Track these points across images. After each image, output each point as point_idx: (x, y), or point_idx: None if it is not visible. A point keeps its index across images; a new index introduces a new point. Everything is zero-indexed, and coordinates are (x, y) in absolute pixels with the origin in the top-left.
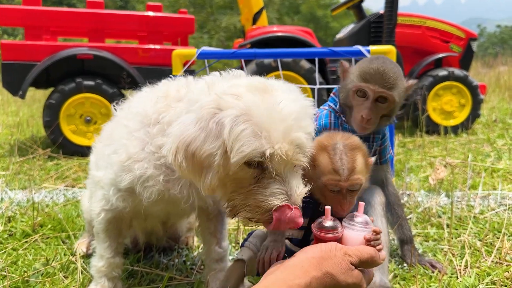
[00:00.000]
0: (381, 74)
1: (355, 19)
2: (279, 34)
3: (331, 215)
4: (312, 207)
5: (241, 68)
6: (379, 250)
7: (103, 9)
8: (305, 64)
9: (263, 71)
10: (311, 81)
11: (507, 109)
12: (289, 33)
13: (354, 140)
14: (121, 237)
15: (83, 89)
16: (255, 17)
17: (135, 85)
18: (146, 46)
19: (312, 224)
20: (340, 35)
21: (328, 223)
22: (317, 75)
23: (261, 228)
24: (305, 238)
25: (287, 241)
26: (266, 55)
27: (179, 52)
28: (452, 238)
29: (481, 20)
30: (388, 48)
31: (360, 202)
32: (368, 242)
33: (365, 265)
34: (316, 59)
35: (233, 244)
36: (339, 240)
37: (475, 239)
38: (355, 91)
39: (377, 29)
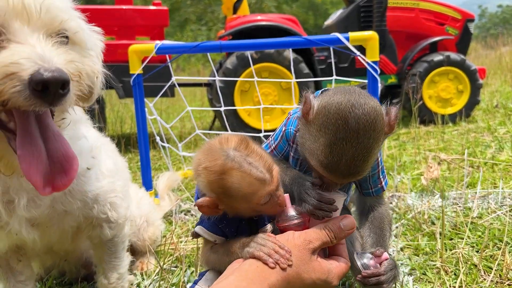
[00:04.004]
0: (349, 160)
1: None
2: (261, 23)
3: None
4: (239, 220)
5: (225, 60)
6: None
7: None
8: (289, 54)
9: (244, 63)
10: (296, 72)
11: (509, 93)
12: (271, 22)
13: (234, 136)
14: (16, 275)
15: None
16: (236, 6)
17: (105, 84)
18: (116, 42)
19: (276, 223)
20: (328, 22)
21: (291, 211)
22: (292, 67)
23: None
24: None
25: None
26: (233, 47)
27: (136, 47)
28: (446, 251)
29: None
30: (369, 34)
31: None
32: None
33: (331, 243)
34: (290, 50)
35: (192, 269)
36: (306, 224)
37: (473, 251)
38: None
39: (367, 13)
